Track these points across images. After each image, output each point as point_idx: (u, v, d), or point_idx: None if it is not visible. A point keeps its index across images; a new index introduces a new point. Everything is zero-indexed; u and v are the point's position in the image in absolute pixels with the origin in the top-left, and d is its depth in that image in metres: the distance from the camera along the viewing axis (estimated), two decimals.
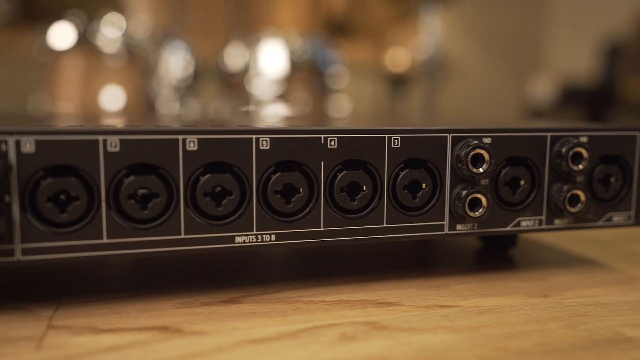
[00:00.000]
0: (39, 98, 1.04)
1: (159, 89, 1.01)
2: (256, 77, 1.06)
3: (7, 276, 0.25)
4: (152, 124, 0.24)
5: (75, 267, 0.27)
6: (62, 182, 0.20)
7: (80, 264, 0.27)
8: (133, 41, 1.00)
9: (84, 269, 0.27)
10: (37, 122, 0.26)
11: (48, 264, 0.20)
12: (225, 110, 1.04)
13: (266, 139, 0.22)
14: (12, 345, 0.19)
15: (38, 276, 0.26)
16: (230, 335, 0.20)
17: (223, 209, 0.22)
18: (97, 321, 0.21)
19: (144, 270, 0.27)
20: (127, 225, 0.21)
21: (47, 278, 0.26)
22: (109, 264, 0.28)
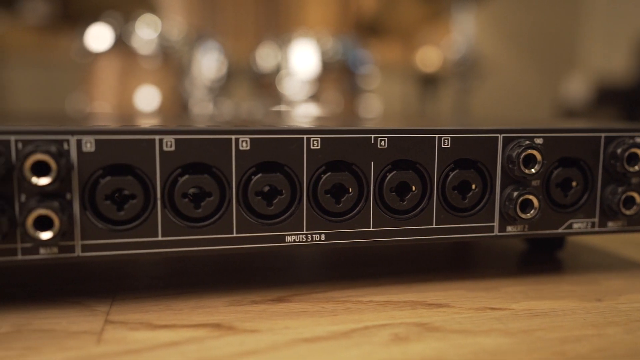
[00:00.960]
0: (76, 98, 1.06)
1: (192, 90, 1.02)
2: (288, 77, 1.07)
3: (63, 272, 0.26)
4: (204, 124, 0.24)
5: (126, 263, 0.28)
6: (120, 180, 0.20)
7: (132, 260, 0.28)
8: (168, 42, 1.02)
9: (135, 265, 0.27)
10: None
11: (103, 261, 0.21)
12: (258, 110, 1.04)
13: (317, 139, 0.22)
14: (74, 339, 0.19)
15: (92, 272, 0.26)
16: (283, 333, 0.20)
17: (274, 209, 0.22)
18: (152, 317, 0.21)
19: (194, 268, 0.27)
20: (181, 224, 0.21)
21: (101, 274, 0.26)
22: (159, 260, 0.28)
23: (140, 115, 0.52)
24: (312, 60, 1.07)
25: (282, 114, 0.97)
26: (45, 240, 0.19)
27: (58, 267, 0.27)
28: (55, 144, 0.20)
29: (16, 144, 0.19)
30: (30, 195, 0.20)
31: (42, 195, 0.20)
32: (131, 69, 1.01)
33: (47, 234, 0.19)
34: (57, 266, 0.27)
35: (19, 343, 0.19)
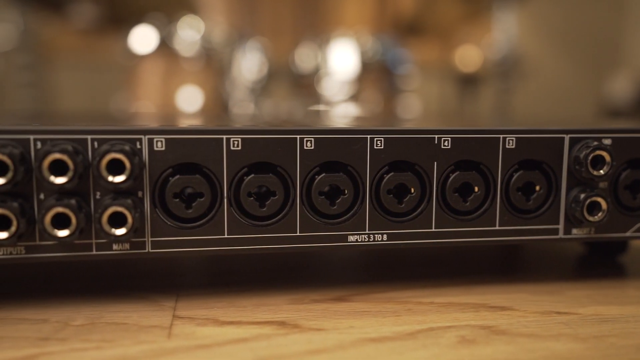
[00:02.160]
0: (120, 98, 1.09)
1: (233, 90, 1.04)
2: (327, 78, 1.07)
3: (129, 267, 0.27)
4: (271, 124, 0.24)
5: (187, 259, 0.28)
6: (188, 179, 0.21)
7: (194, 256, 0.29)
8: (210, 44, 1.03)
9: (196, 261, 0.28)
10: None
11: (171, 257, 0.21)
12: (297, 110, 1.05)
13: (380, 139, 0.22)
14: (146, 332, 0.20)
15: (154, 267, 0.27)
16: (348, 333, 0.20)
17: (337, 208, 0.22)
18: (218, 313, 0.21)
19: (254, 265, 0.28)
20: (246, 222, 0.22)
21: (163, 269, 0.27)
22: (219, 257, 0.29)
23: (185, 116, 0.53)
24: (351, 60, 1.07)
25: (321, 114, 0.98)
26: (118, 237, 0.20)
27: (121, 262, 0.27)
28: (128, 143, 0.20)
29: (92, 143, 0.20)
30: (105, 193, 0.20)
31: (116, 193, 0.20)
32: (174, 70, 1.03)
33: (121, 231, 0.20)
34: (119, 261, 0.27)
35: (95, 335, 0.19)
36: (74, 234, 0.20)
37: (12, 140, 0.19)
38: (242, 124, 0.24)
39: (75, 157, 0.19)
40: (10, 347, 0.18)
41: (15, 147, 0.19)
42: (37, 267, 0.26)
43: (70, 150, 0.19)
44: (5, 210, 0.19)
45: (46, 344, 0.19)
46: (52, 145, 0.19)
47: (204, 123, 0.26)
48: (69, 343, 0.19)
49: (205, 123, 0.26)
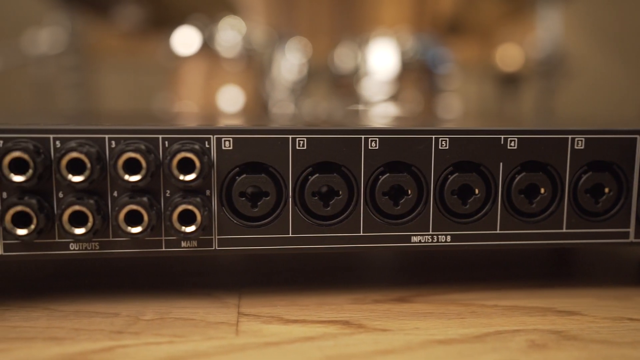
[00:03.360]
0: (162, 99, 1.11)
1: (273, 90, 1.04)
2: (366, 77, 1.06)
3: (190, 264, 0.27)
4: (335, 124, 0.25)
5: (250, 257, 0.29)
6: (255, 178, 0.21)
7: (256, 254, 0.29)
8: (250, 44, 1.04)
9: (258, 260, 0.28)
10: (216, 121, 0.28)
11: (236, 255, 0.22)
12: (337, 110, 1.05)
13: (445, 139, 0.22)
14: (214, 329, 0.20)
15: (217, 265, 0.27)
16: (415, 334, 0.20)
17: (400, 208, 0.22)
18: (282, 312, 0.22)
19: (314, 264, 0.28)
20: (311, 222, 0.22)
21: (226, 267, 0.27)
22: (280, 255, 0.29)
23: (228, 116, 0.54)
24: (391, 60, 1.06)
25: (362, 114, 0.97)
26: (188, 234, 0.20)
27: (184, 259, 0.28)
28: (198, 142, 0.21)
29: (163, 143, 0.20)
30: (174, 191, 0.21)
31: (185, 191, 0.21)
32: (215, 70, 1.05)
33: (190, 228, 0.20)
34: (182, 258, 0.28)
35: (165, 330, 0.20)
36: (145, 230, 0.20)
37: (89, 140, 0.20)
38: (307, 124, 0.24)
39: (148, 156, 0.20)
40: (87, 339, 0.19)
41: (92, 146, 0.20)
42: (108, 262, 0.27)
43: (143, 149, 0.20)
44: (82, 207, 0.20)
45: (121, 337, 0.19)
46: (125, 145, 0.20)
47: (249, 123, 0.26)
48: (142, 337, 0.19)
49: (248, 123, 0.26)
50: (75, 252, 0.21)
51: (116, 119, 0.28)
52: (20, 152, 0.19)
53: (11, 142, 0.19)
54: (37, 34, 1.16)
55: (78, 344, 0.19)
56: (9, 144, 0.19)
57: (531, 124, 0.24)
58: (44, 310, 0.21)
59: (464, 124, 0.25)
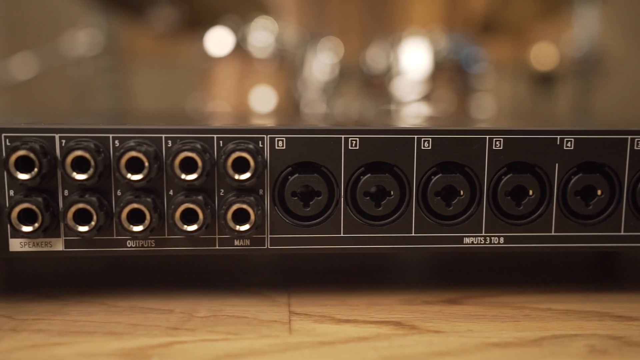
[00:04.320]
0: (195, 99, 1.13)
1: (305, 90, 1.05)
2: (399, 77, 1.06)
3: (240, 263, 0.28)
4: (388, 124, 0.24)
5: (298, 256, 0.29)
6: (307, 178, 0.21)
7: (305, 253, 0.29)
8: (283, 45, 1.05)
9: (306, 259, 0.28)
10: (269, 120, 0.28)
11: (287, 254, 0.22)
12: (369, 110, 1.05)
13: (500, 139, 0.21)
14: (268, 327, 0.20)
15: (265, 264, 0.28)
16: (469, 336, 0.20)
17: (452, 209, 0.22)
18: (332, 311, 0.22)
19: (363, 264, 0.28)
20: (362, 222, 0.22)
21: (274, 266, 0.27)
22: (330, 255, 0.29)
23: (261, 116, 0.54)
24: (423, 59, 1.05)
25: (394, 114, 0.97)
26: (241, 232, 0.21)
27: (233, 257, 0.28)
28: (252, 142, 0.21)
29: (217, 142, 0.21)
30: (228, 190, 0.21)
31: (239, 191, 0.21)
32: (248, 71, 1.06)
33: (244, 227, 0.21)
34: (231, 256, 0.28)
35: (220, 327, 0.20)
36: (200, 229, 0.21)
37: (147, 139, 0.20)
38: (359, 124, 0.24)
39: (203, 155, 0.20)
40: (145, 335, 0.19)
41: (149, 145, 0.20)
42: (160, 259, 0.28)
43: (199, 148, 0.20)
44: (140, 205, 0.20)
45: (177, 334, 0.19)
46: (182, 144, 0.20)
47: (279, 122, 0.26)
48: (198, 334, 0.20)
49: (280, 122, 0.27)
50: (132, 249, 0.21)
51: (171, 119, 0.28)
52: (82, 151, 0.20)
53: (73, 141, 0.20)
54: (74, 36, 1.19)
55: (136, 339, 0.19)
56: (71, 143, 0.20)
57: (586, 124, 0.24)
58: (100, 306, 0.22)
59: (518, 124, 0.25)
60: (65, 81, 1.28)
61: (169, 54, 1.45)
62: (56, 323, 0.20)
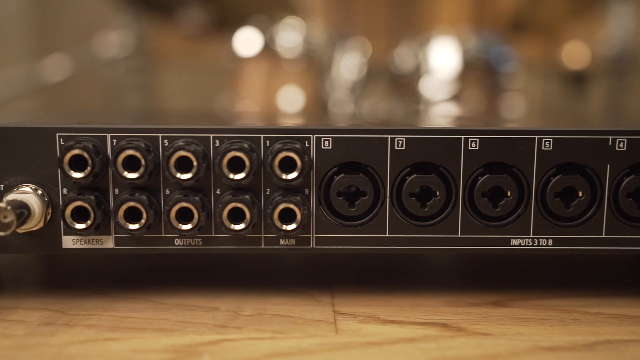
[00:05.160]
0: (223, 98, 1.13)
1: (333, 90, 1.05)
2: (427, 77, 1.05)
3: (282, 262, 0.28)
4: (431, 124, 0.24)
5: (340, 256, 0.29)
6: (353, 178, 0.21)
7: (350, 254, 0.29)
8: (311, 45, 1.05)
9: (348, 258, 0.28)
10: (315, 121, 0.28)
11: (332, 254, 0.22)
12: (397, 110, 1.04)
13: (549, 140, 0.21)
14: (313, 326, 0.20)
15: (307, 263, 0.28)
16: (519, 339, 0.19)
17: (500, 210, 0.21)
18: (377, 311, 0.22)
19: (405, 264, 0.28)
20: (407, 222, 0.22)
21: (316, 265, 0.28)
22: (372, 255, 0.29)
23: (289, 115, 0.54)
24: (452, 59, 1.04)
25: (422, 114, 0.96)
26: (288, 232, 0.21)
27: (275, 257, 0.28)
28: (299, 141, 0.21)
29: (264, 142, 0.21)
30: (274, 190, 0.21)
31: (285, 190, 0.21)
32: (277, 71, 1.06)
33: (291, 226, 0.21)
34: (273, 256, 0.28)
35: (266, 326, 0.20)
36: (247, 228, 0.21)
37: (195, 139, 0.21)
38: (404, 124, 0.24)
39: (251, 154, 0.20)
40: (193, 332, 0.20)
41: (198, 145, 0.20)
42: (204, 258, 0.28)
43: (247, 148, 0.20)
44: (188, 204, 0.20)
45: (225, 331, 0.20)
46: (230, 144, 0.20)
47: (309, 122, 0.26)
48: (245, 332, 0.20)
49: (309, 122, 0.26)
50: (179, 247, 0.21)
51: (218, 119, 0.29)
52: (133, 150, 0.20)
53: (124, 140, 0.20)
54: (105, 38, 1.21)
55: (186, 336, 0.19)
56: (122, 142, 0.20)
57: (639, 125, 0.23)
58: (147, 302, 0.22)
59: (568, 124, 0.24)
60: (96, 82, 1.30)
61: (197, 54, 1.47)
62: (107, 319, 0.21)
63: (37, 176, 0.21)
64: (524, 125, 0.21)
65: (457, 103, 1.03)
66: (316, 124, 0.22)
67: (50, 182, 0.21)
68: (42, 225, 0.21)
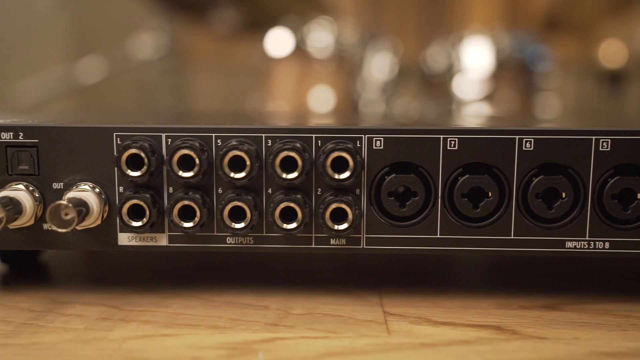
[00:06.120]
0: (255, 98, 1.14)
1: (364, 90, 1.05)
2: (460, 76, 1.04)
3: (329, 261, 0.28)
4: (488, 124, 0.24)
5: (387, 256, 0.29)
6: (404, 178, 0.21)
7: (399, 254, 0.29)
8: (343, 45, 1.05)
9: (394, 258, 0.28)
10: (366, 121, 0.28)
11: (383, 254, 0.22)
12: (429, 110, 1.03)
13: (607, 140, 0.21)
14: (365, 327, 0.20)
15: (355, 263, 0.28)
16: (576, 344, 0.19)
17: (554, 212, 0.21)
18: (427, 313, 0.21)
19: (452, 265, 0.28)
20: (459, 223, 0.21)
21: (363, 265, 0.28)
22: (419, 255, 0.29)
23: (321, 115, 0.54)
24: (486, 58, 1.03)
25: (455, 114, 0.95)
26: (339, 232, 0.21)
27: (322, 256, 0.29)
28: (351, 141, 0.21)
29: (316, 142, 0.21)
30: (325, 190, 0.21)
31: (336, 190, 0.21)
32: (308, 71, 1.07)
33: (343, 226, 0.21)
34: (320, 255, 0.29)
35: (317, 325, 0.20)
36: (299, 227, 0.21)
37: (248, 138, 0.21)
38: (458, 124, 0.24)
39: (303, 154, 0.20)
40: (246, 330, 0.20)
41: (250, 144, 0.21)
42: (252, 256, 0.28)
43: (299, 147, 0.20)
44: (241, 202, 0.21)
45: (277, 330, 0.20)
46: (282, 144, 0.21)
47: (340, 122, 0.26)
48: (297, 330, 0.20)
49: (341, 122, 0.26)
50: (231, 246, 0.22)
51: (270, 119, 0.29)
52: (188, 149, 0.20)
53: (179, 140, 0.21)
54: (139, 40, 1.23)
55: (239, 334, 0.19)
56: (177, 142, 0.21)
57: None
58: (198, 300, 0.23)
59: (627, 124, 0.24)
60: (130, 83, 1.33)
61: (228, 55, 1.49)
62: (161, 315, 0.21)
63: (94, 175, 0.21)
64: (580, 125, 0.21)
65: (490, 103, 1.02)
66: (367, 124, 0.22)
67: (107, 180, 0.21)
68: (100, 222, 0.21)
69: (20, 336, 0.19)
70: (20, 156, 0.21)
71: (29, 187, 0.21)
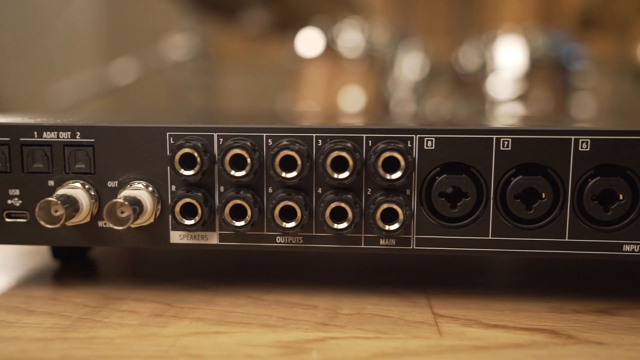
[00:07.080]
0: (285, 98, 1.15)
1: (395, 90, 1.04)
2: (493, 76, 1.02)
3: (376, 261, 0.28)
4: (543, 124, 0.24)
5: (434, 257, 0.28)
6: (455, 178, 0.21)
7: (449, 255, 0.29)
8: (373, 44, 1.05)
9: (440, 259, 0.28)
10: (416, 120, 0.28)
11: (434, 255, 0.21)
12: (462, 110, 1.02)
13: None
14: (416, 328, 0.20)
15: (401, 263, 0.28)
16: (637, 350, 0.18)
17: (611, 214, 0.21)
18: (478, 315, 0.21)
19: (501, 267, 0.27)
20: (512, 225, 0.21)
21: (410, 265, 0.27)
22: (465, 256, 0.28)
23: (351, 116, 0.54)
24: (519, 57, 1.01)
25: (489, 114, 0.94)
26: (390, 232, 0.21)
27: (368, 256, 0.29)
28: (402, 141, 0.21)
29: (366, 142, 0.21)
30: (376, 190, 0.21)
31: (387, 190, 0.21)
32: (338, 71, 1.06)
33: (394, 226, 0.21)
34: (367, 255, 0.29)
35: (368, 326, 0.20)
36: (349, 227, 0.21)
37: (299, 138, 0.21)
38: (511, 124, 0.23)
39: (354, 154, 0.20)
40: (297, 329, 0.20)
41: (302, 144, 0.21)
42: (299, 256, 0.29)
43: (350, 147, 0.20)
44: (291, 202, 0.21)
45: (327, 329, 0.20)
46: (333, 143, 0.21)
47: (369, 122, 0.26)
48: (348, 331, 0.20)
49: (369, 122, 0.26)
50: (281, 245, 0.22)
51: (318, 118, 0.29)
52: (240, 149, 0.21)
53: (230, 139, 0.21)
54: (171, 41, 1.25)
55: (290, 333, 0.20)
56: (229, 141, 0.21)
57: None
58: (247, 298, 0.23)
59: None
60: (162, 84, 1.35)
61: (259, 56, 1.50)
62: (211, 312, 0.21)
63: (148, 173, 0.21)
64: (637, 126, 0.20)
65: (524, 103, 1.00)
66: (418, 123, 0.22)
67: (160, 179, 0.21)
68: (152, 220, 0.21)
69: (78, 330, 0.19)
70: (77, 155, 0.21)
71: (85, 186, 0.21)
